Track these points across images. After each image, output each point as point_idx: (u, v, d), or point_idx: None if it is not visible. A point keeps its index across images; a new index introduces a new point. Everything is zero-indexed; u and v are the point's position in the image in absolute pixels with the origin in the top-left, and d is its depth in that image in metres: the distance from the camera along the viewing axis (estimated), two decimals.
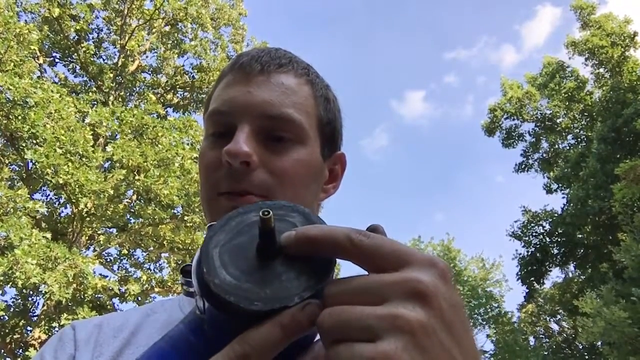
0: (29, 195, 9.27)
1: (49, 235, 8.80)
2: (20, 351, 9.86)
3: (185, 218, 10.32)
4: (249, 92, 0.69)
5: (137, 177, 10.00)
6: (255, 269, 0.35)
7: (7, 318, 9.73)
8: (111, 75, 12.37)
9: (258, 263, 0.35)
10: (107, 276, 10.48)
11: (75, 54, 12.46)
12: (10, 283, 8.23)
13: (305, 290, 0.34)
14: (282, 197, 0.67)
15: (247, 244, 0.36)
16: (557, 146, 18.82)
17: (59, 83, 12.02)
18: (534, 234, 17.43)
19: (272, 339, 0.33)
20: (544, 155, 18.91)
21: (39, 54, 11.33)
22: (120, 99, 12.43)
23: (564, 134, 18.61)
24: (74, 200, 9.61)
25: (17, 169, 10.86)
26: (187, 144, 10.81)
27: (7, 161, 10.34)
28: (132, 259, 11.87)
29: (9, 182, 10.09)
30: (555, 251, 17.02)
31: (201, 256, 0.36)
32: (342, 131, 0.80)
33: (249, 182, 0.65)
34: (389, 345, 0.30)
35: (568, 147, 18.48)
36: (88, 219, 10.20)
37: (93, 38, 12.95)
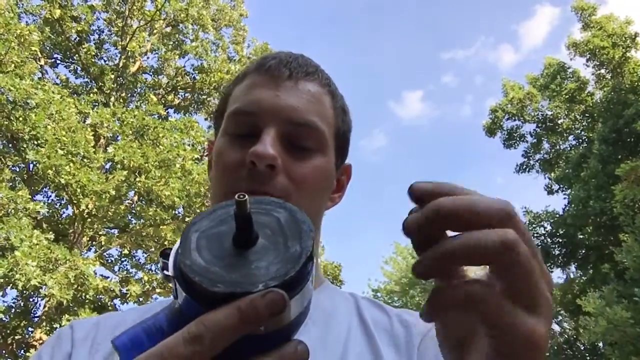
0: (30, 197, 9.27)
1: (50, 236, 8.81)
2: (22, 352, 9.87)
3: (187, 219, 10.32)
4: (277, 96, 0.69)
5: (138, 178, 10.00)
6: (227, 255, 0.35)
7: (8, 319, 9.74)
8: (112, 76, 12.38)
9: (232, 251, 0.36)
10: (108, 277, 10.49)
11: (77, 55, 12.47)
12: (11, 285, 8.23)
13: (272, 279, 0.33)
14: (299, 203, 0.67)
15: (226, 233, 0.37)
16: (558, 147, 18.80)
17: (60, 84, 12.04)
18: (535, 234, 17.39)
19: (227, 323, 0.32)
20: (545, 156, 18.89)
21: (40, 55, 11.34)
22: (121, 100, 12.43)
23: (565, 134, 18.60)
24: (75, 201, 9.62)
25: (18, 170, 10.87)
26: (188, 145, 10.82)
27: (8, 162, 10.35)
28: (133, 259, 11.88)
29: (10, 183, 10.09)
30: (557, 252, 17.00)
31: (180, 239, 0.37)
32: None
33: (271, 185, 0.65)
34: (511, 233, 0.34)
35: (569, 148, 18.47)
36: (89, 220, 10.20)
37: (94, 39, 12.99)
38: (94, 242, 11.10)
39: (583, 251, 16.23)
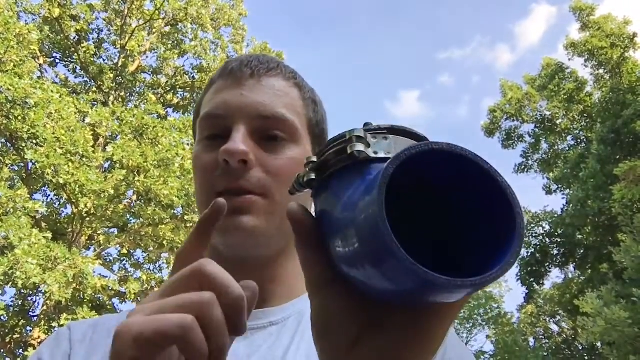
0: (29, 196, 9.26)
1: (49, 235, 8.80)
2: (20, 351, 9.86)
3: (186, 218, 10.32)
4: (242, 95, 0.71)
5: (137, 178, 9.99)
6: None
7: (6, 318, 9.73)
8: (111, 75, 12.37)
9: None
10: (106, 276, 10.48)
11: (76, 55, 12.46)
12: (10, 283, 8.23)
13: None
14: (279, 194, 0.68)
15: None
16: (556, 147, 18.83)
17: (59, 83, 12.02)
18: (533, 234, 17.43)
19: None
20: (544, 156, 18.92)
21: (39, 54, 11.32)
22: (120, 99, 12.42)
23: (563, 135, 18.62)
24: (74, 201, 9.61)
25: (17, 169, 10.86)
26: (187, 145, 10.80)
27: (7, 161, 10.34)
28: (132, 259, 11.86)
29: (9, 182, 10.07)
30: (555, 252, 17.03)
31: None
32: (329, 134, 0.83)
33: (246, 180, 0.67)
34: None
35: (568, 148, 18.50)
36: (88, 219, 10.19)
37: (93, 38, 12.97)
38: (92, 242, 11.09)
39: (581, 251, 16.25)
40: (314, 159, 0.39)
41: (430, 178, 0.33)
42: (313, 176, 0.39)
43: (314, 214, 0.40)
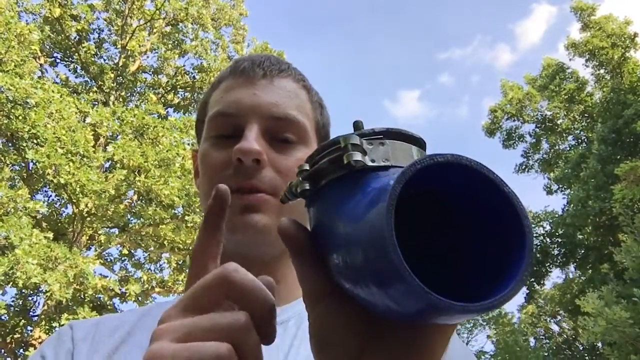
0: (29, 196, 9.27)
1: (49, 235, 8.80)
2: (21, 351, 9.86)
3: (186, 218, 10.31)
4: (254, 94, 0.71)
5: (137, 178, 9.99)
6: None
7: (7, 318, 9.73)
8: (112, 75, 12.37)
9: None
10: (107, 276, 10.48)
11: (76, 54, 12.46)
12: (11, 283, 8.23)
13: None
14: None
15: None
16: (557, 147, 18.83)
17: (60, 83, 12.02)
18: (534, 234, 17.41)
19: None
20: (545, 156, 18.92)
21: (40, 54, 11.32)
22: (121, 99, 12.42)
23: (564, 135, 18.63)
24: (74, 201, 9.61)
25: (18, 169, 10.86)
26: (188, 144, 10.81)
27: (7, 161, 10.34)
28: (133, 259, 11.86)
29: (10, 182, 10.08)
30: (556, 252, 17.03)
31: None
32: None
33: (258, 179, 0.67)
34: None
35: (568, 148, 18.50)
36: (89, 219, 10.19)
37: (94, 38, 12.96)
38: (93, 241, 11.09)
39: (582, 251, 16.25)
40: (307, 167, 0.38)
41: (435, 188, 0.33)
42: (307, 186, 0.37)
43: (307, 225, 0.39)
